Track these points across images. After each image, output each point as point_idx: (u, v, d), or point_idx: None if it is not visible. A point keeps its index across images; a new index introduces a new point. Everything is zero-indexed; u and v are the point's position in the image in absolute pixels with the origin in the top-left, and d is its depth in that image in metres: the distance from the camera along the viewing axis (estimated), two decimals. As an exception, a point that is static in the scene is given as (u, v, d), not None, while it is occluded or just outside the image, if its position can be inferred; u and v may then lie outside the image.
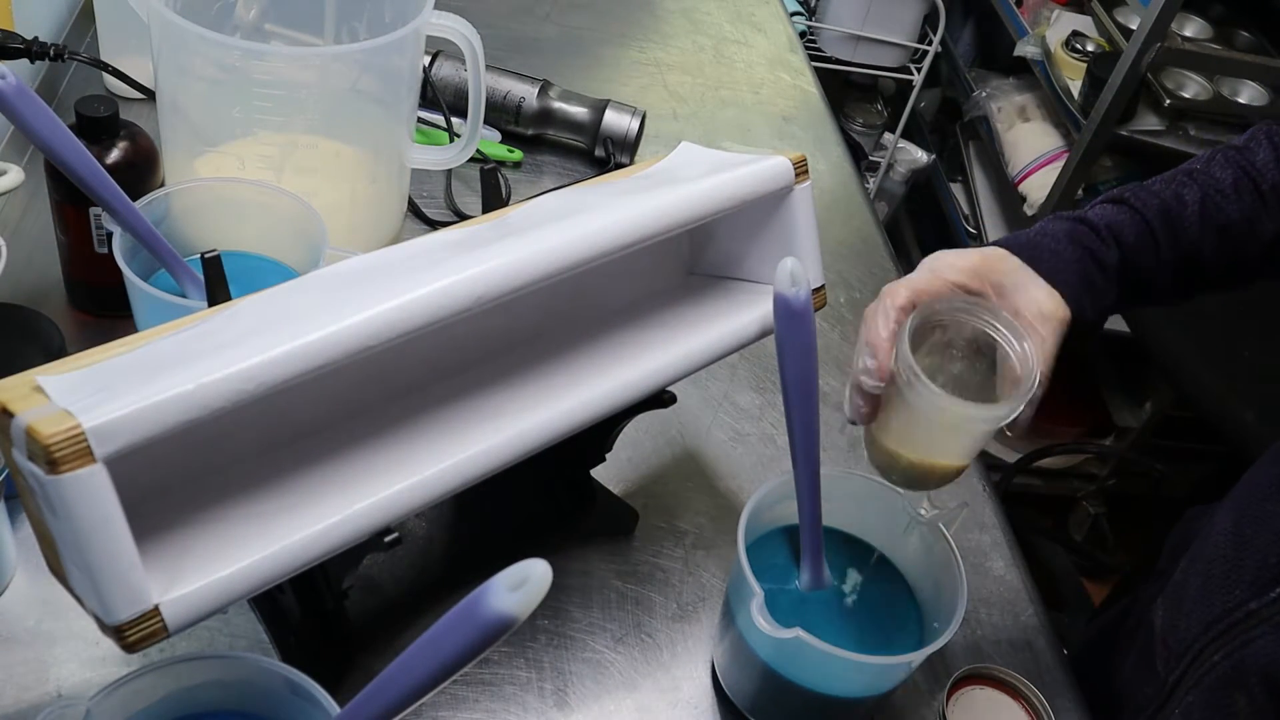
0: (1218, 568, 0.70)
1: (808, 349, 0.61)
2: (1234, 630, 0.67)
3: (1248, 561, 0.67)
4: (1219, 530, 0.72)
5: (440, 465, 0.55)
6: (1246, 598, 0.66)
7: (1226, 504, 0.75)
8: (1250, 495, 0.72)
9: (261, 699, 0.54)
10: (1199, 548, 0.75)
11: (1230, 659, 0.66)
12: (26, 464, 0.44)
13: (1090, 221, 0.69)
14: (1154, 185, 0.72)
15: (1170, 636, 0.73)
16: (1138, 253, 0.69)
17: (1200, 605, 0.70)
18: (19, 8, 0.96)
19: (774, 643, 0.62)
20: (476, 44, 0.89)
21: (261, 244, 0.79)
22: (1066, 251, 0.67)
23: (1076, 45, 1.93)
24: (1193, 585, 0.73)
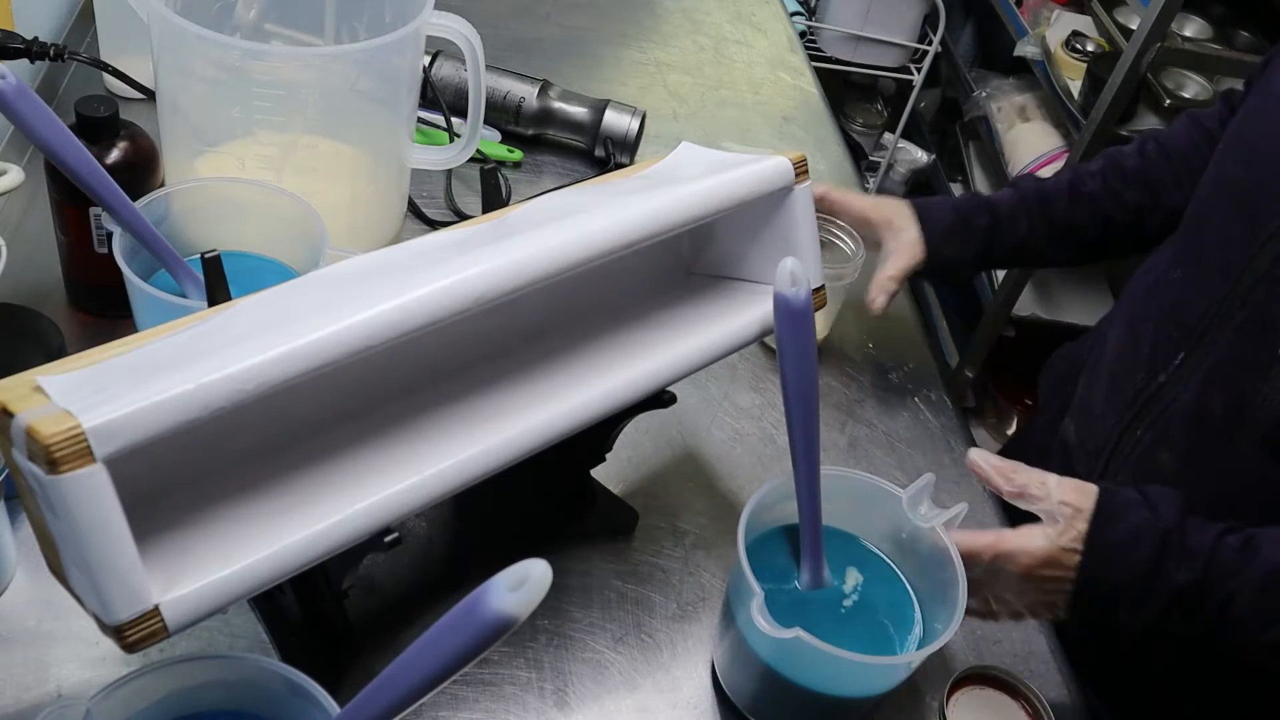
0: (1121, 364, 0.84)
1: (807, 349, 0.61)
2: (1150, 405, 0.79)
3: (1143, 346, 0.81)
4: (1113, 337, 0.88)
5: (440, 465, 0.55)
6: (1151, 376, 0.79)
7: (1112, 319, 0.91)
8: (1131, 300, 0.88)
9: (261, 699, 0.54)
10: (1095, 362, 0.89)
11: (1153, 429, 0.78)
12: (26, 464, 0.44)
13: (978, 195, 0.91)
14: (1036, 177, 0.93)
15: (1086, 440, 0.86)
16: (1011, 220, 0.90)
17: (1110, 402, 0.84)
18: (19, 8, 0.96)
19: (774, 643, 0.62)
20: (476, 44, 0.89)
21: (261, 244, 0.79)
22: (945, 212, 0.90)
23: (1076, 45, 1.93)
24: (1097, 392, 0.87)
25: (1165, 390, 0.78)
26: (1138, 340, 0.83)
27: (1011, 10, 2.12)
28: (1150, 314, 0.83)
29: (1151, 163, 0.91)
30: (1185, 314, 0.78)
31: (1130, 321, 0.86)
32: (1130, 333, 0.85)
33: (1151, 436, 0.79)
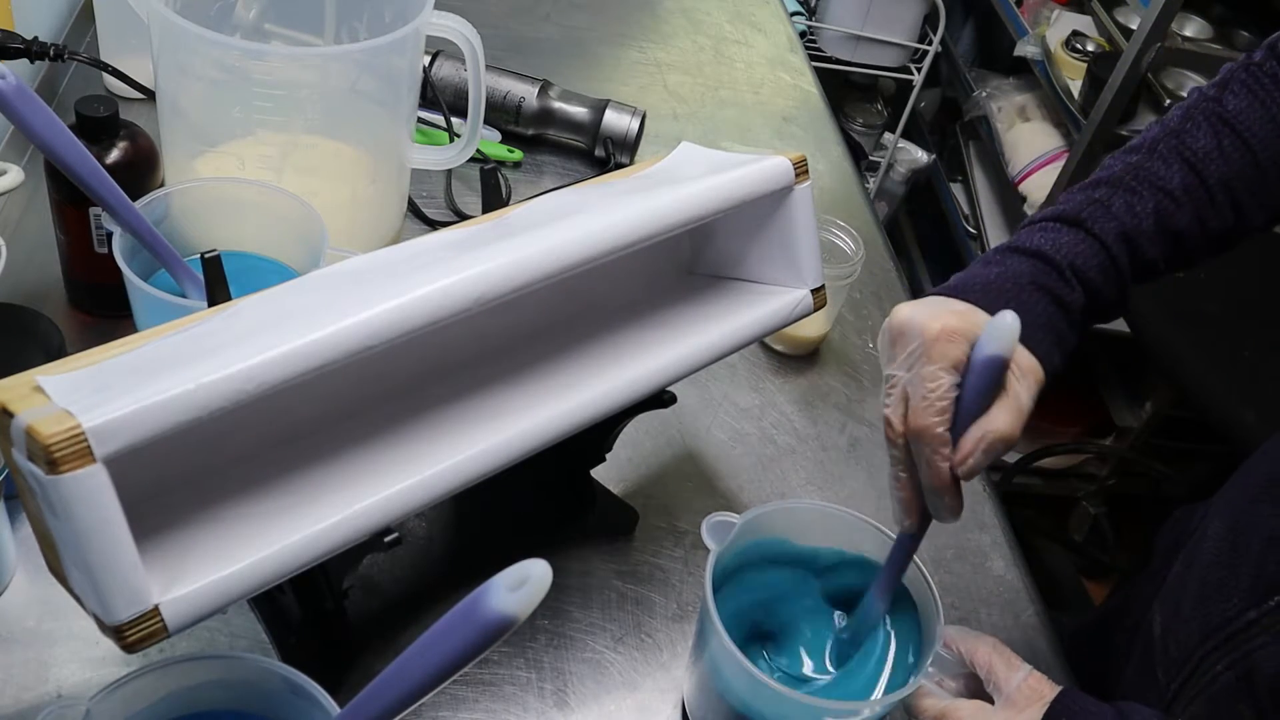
0: (1213, 574, 0.69)
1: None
2: (1235, 640, 0.66)
3: (1243, 568, 0.67)
4: (1212, 535, 0.72)
5: (440, 465, 0.55)
6: (1245, 606, 0.65)
7: (1218, 506, 0.75)
8: (1241, 497, 0.72)
9: (261, 699, 0.54)
10: (1193, 552, 0.74)
11: (1233, 670, 0.66)
12: (26, 464, 0.44)
13: (1052, 260, 0.66)
14: (1108, 199, 0.68)
15: (1169, 643, 0.73)
16: (1101, 290, 0.67)
17: (1198, 613, 0.70)
18: (19, 8, 0.96)
19: (745, 682, 0.61)
20: (476, 44, 0.89)
21: (261, 244, 0.79)
22: (1033, 301, 0.64)
23: (1076, 45, 1.93)
24: (1189, 591, 0.72)
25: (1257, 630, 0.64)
26: (1238, 553, 0.68)
27: (1011, 10, 2.12)
28: (1259, 526, 0.67)
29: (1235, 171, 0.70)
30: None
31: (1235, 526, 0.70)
32: (1232, 542, 0.69)
33: (1231, 679, 0.65)
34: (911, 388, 0.59)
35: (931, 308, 0.61)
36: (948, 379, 0.58)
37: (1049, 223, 0.68)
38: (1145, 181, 0.69)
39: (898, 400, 0.60)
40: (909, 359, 0.60)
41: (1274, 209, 0.71)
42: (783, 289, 0.72)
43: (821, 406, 0.93)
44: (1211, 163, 0.69)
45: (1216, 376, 1.47)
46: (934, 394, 0.58)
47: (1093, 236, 0.67)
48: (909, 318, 0.60)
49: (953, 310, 0.61)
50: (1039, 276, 0.65)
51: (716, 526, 0.64)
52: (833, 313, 0.97)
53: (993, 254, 0.68)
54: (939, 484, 0.59)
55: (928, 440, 0.59)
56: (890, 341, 0.62)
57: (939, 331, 0.59)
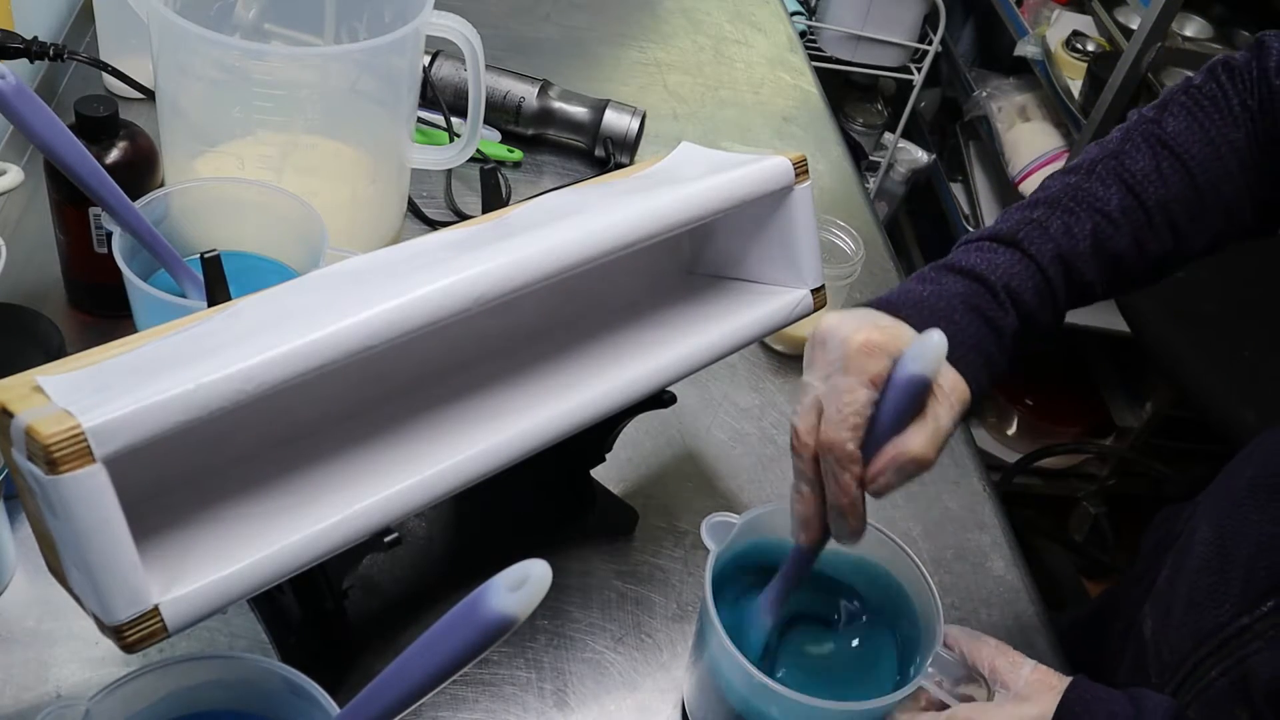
0: (1203, 580, 0.69)
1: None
2: (1228, 645, 0.65)
3: (1233, 574, 0.66)
4: (1200, 540, 0.71)
5: (440, 465, 0.55)
6: (1237, 612, 0.65)
7: (1203, 509, 0.74)
8: (1226, 501, 0.71)
9: (261, 699, 0.54)
10: (1181, 556, 0.74)
11: (1228, 675, 0.65)
12: (26, 464, 0.44)
13: (986, 280, 0.64)
14: (1045, 220, 0.67)
15: (1162, 647, 0.72)
16: (1035, 313, 0.66)
17: (1189, 618, 0.69)
18: (19, 7, 0.96)
19: (746, 683, 0.61)
20: (476, 44, 0.89)
21: (261, 244, 0.79)
22: (965, 322, 0.63)
23: (1077, 45, 1.93)
24: (1179, 596, 0.71)
25: (1250, 636, 0.64)
26: (1227, 559, 0.67)
27: (1012, 10, 2.12)
28: (1246, 531, 0.67)
29: (1173, 195, 0.69)
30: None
31: (1222, 531, 0.69)
32: (1220, 547, 0.69)
33: (1225, 685, 0.65)
34: (826, 400, 0.57)
35: (856, 319, 0.58)
36: (864, 394, 0.56)
37: (985, 241, 0.67)
38: (1083, 203, 0.67)
39: (809, 410, 0.58)
40: (826, 369, 0.58)
41: (1212, 234, 0.70)
42: (783, 289, 0.72)
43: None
44: (1150, 185, 0.68)
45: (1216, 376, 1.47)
46: (848, 408, 0.56)
47: (1028, 258, 0.65)
48: (832, 327, 0.58)
49: (878, 325, 0.58)
50: (972, 297, 0.64)
51: (716, 527, 0.64)
52: None
53: (928, 271, 0.66)
54: (844, 502, 0.58)
55: (837, 455, 0.57)
56: (811, 348, 0.59)
57: (860, 344, 0.56)
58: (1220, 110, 0.69)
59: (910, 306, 0.62)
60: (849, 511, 0.58)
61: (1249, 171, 0.69)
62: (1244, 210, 0.70)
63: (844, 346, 0.57)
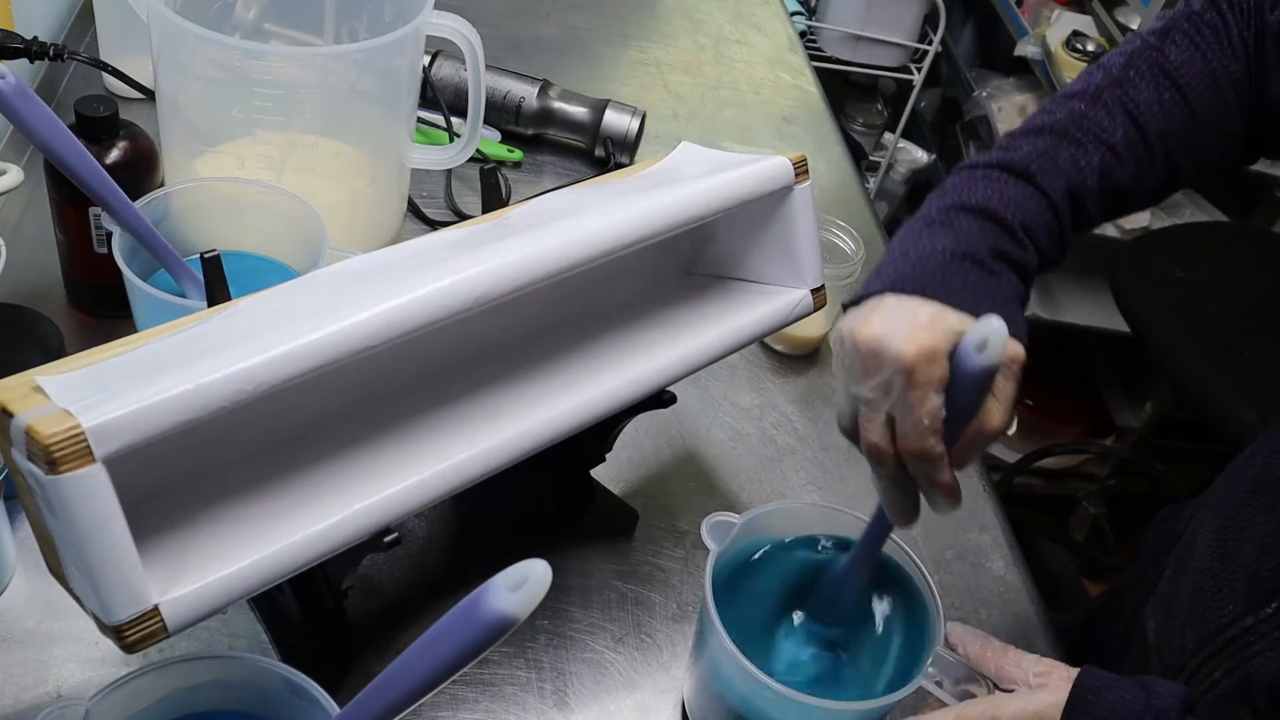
0: (1206, 581, 0.69)
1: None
2: (1232, 646, 0.65)
3: (1236, 575, 0.66)
4: (1203, 541, 0.71)
5: (440, 465, 0.55)
6: (1241, 613, 0.65)
7: (1205, 510, 0.74)
8: (1229, 502, 0.71)
9: (261, 699, 0.54)
10: (1183, 557, 0.73)
11: (1232, 676, 0.65)
12: (26, 464, 0.44)
13: (1003, 220, 0.63)
14: (1054, 151, 0.66)
15: (1165, 648, 0.72)
16: (1046, 249, 0.65)
17: (1193, 619, 0.69)
18: (18, 7, 0.96)
19: (746, 682, 0.61)
20: (476, 44, 0.89)
21: (261, 244, 0.79)
22: (999, 281, 0.61)
23: (1077, 45, 1.93)
24: (1182, 597, 0.71)
25: (1254, 637, 0.64)
26: (1230, 561, 0.67)
27: (1012, 10, 2.12)
28: (1250, 533, 0.66)
29: (1174, 127, 0.68)
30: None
31: (1225, 532, 0.69)
32: (1222, 547, 0.68)
33: (1230, 686, 0.65)
34: (899, 412, 0.56)
35: (899, 322, 0.57)
36: (937, 400, 0.55)
37: (993, 170, 0.65)
38: (1090, 134, 0.66)
39: (881, 425, 0.57)
40: (886, 384, 0.57)
41: (1203, 166, 0.70)
42: (783, 289, 0.72)
43: (821, 406, 0.93)
44: (1153, 117, 0.67)
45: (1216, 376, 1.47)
46: (928, 417, 0.55)
47: (1041, 193, 0.64)
48: (878, 340, 0.56)
49: (921, 323, 0.57)
50: (995, 242, 0.62)
51: (716, 526, 0.64)
52: (833, 313, 0.97)
53: (936, 212, 0.64)
54: (944, 491, 0.58)
55: (929, 461, 0.57)
56: (860, 366, 0.58)
57: (916, 354, 0.55)
58: (1220, 40, 0.69)
59: (939, 280, 0.59)
60: (950, 493, 0.58)
61: (1244, 103, 0.69)
62: (1236, 142, 0.70)
63: (899, 361, 0.55)
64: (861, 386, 0.58)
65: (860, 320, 0.58)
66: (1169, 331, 1.53)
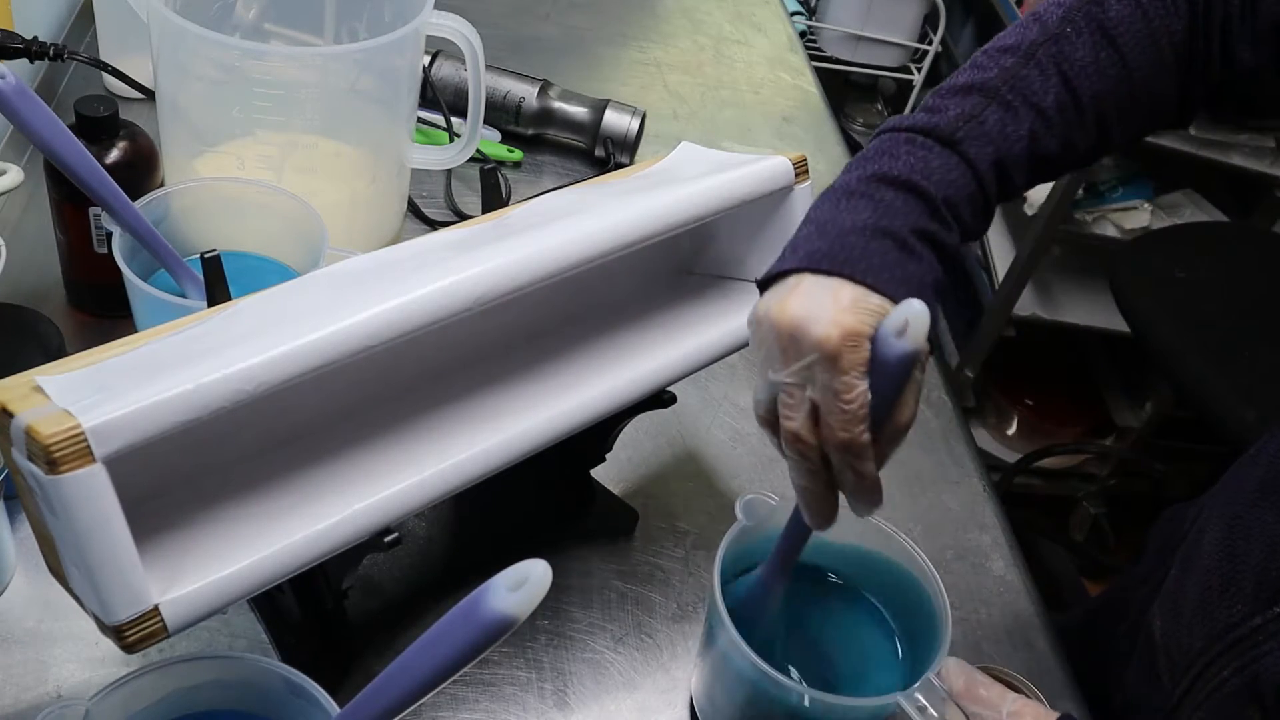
0: (1214, 580, 0.68)
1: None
2: (1240, 645, 0.65)
3: (1245, 574, 0.66)
4: (1210, 540, 0.71)
5: (440, 465, 0.55)
6: (1250, 612, 0.65)
7: (1212, 509, 0.74)
8: (1236, 501, 0.70)
9: (261, 699, 0.54)
10: (1190, 556, 0.73)
11: (1240, 675, 0.65)
12: (26, 464, 0.44)
13: (927, 194, 0.59)
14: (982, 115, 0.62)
15: (1172, 647, 0.72)
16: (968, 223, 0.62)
17: (1200, 618, 0.69)
18: (18, 7, 0.96)
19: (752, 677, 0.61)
20: (476, 44, 0.89)
21: (261, 244, 0.79)
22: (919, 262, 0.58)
23: (1077, 45, 1.93)
24: (1189, 597, 0.71)
25: (1263, 636, 0.64)
26: (1238, 560, 0.67)
27: (1012, 10, 2.12)
28: (1257, 532, 0.66)
29: (1108, 89, 0.65)
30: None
31: (1232, 531, 0.68)
32: (1230, 548, 0.68)
33: (1238, 685, 0.65)
34: (824, 400, 0.54)
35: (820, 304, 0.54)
36: (862, 385, 0.53)
37: (918, 135, 0.62)
38: (1021, 96, 0.63)
39: (804, 414, 0.55)
40: (807, 369, 0.54)
41: (1135, 131, 0.68)
42: (783, 289, 0.71)
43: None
44: (1087, 79, 0.64)
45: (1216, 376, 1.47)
46: (854, 404, 0.53)
47: (967, 163, 0.61)
48: (799, 322, 0.54)
49: (843, 305, 0.54)
50: (918, 220, 0.59)
51: (751, 504, 0.63)
52: None
53: (856, 182, 0.61)
54: (867, 487, 0.56)
55: (856, 452, 0.54)
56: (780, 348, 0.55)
57: (841, 338, 0.53)
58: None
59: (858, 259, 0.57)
60: (873, 489, 0.56)
61: (1181, 65, 0.66)
62: (1170, 104, 0.68)
63: (824, 347, 0.53)
64: (782, 373, 0.55)
65: (778, 302, 0.56)
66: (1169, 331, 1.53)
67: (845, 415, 0.53)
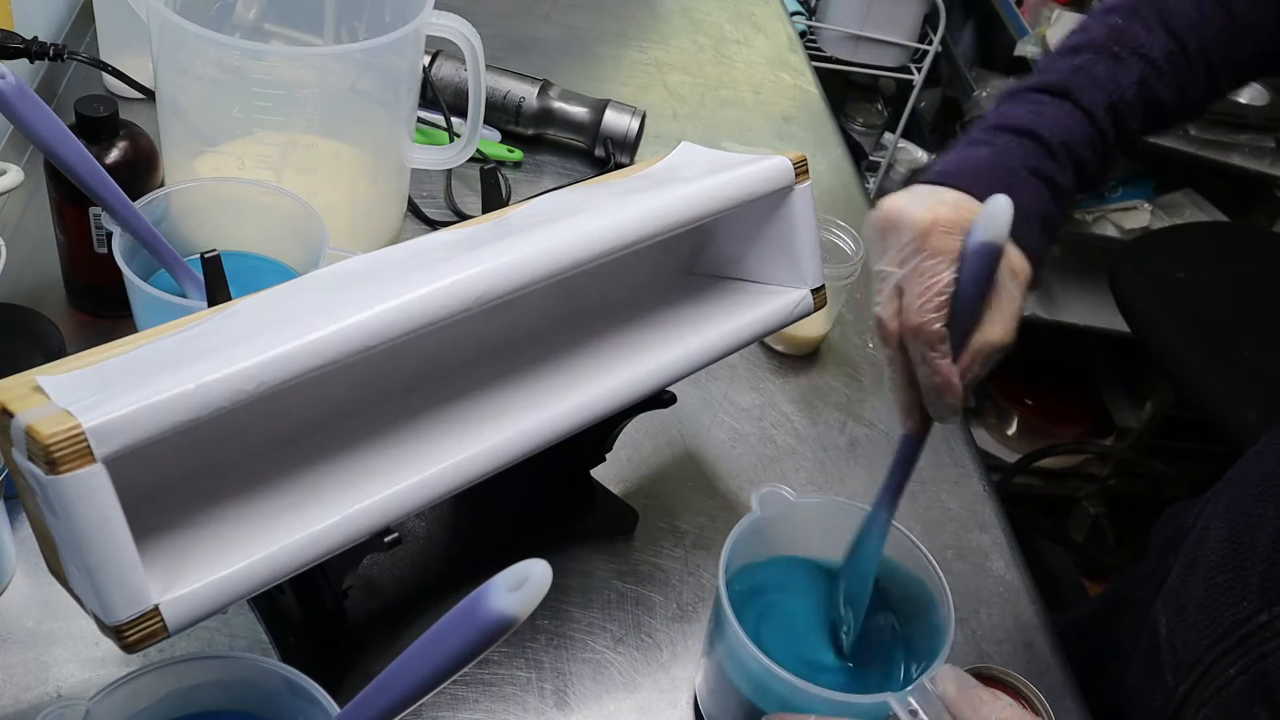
0: (1219, 577, 0.69)
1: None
2: (1247, 643, 0.65)
3: (1250, 571, 0.66)
4: (1214, 537, 0.71)
5: (440, 465, 0.55)
6: (1256, 609, 0.65)
7: (1216, 506, 0.74)
8: (1241, 498, 0.71)
9: (261, 699, 0.54)
10: (1195, 553, 0.74)
11: (1247, 673, 0.65)
12: (26, 464, 0.44)
13: (1043, 139, 0.63)
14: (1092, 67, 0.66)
15: (1178, 645, 0.72)
16: (1089, 163, 0.65)
17: (1206, 616, 0.69)
18: (18, 7, 0.96)
19: (756, 675, 0.61)
20: (476, 44, 0.89)
21: (261, 244, 0.79)
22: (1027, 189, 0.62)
23: (1076, 45, 1.93)
24: (1194, 594, 0.71)
25: (1270, 634, 0.64)
26: (1243, 556, 0.67)
27: (1012, 10, 2.12)
28: (1263, 529, 0.66)
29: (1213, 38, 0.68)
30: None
31: (1237, 529, 0.69)
32: (1235, 543, 0.68)
33: (1245, 683, 0.65)
34: (907, 284, 0.57)
35: (922, 198, 0.58)
36: (945, 274, 0.56)
37: (1034, 93, 0.65)
38: (1128, 48, 0.66)
39: (890, 297, 0.58)
40: (901, 253, 0.57)
41: (1241, 75, 0.70)
42: (783, 289, 0.72)
43: (821, 406, 0.93)
44: (1193, 29, 0.67)
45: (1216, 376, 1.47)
46: (931, 289, 0.56)
47: (1081, 110, 0.64)
48: (899, 209, 0.58)
49: (944, 201, 0.58)
50: (1031, 159, 0.62)
51: (767, 496, 0.63)
52: (833, 313, 0.97)
53: (978, 132, 0.65)
54: (938, 381, 0.57)
55: (926, 338, 0.56)
56: (880, 234, 0.59)
57: (931, 223, 0.56)
58: None
59: (970, 176, 0.61)
60: (945, 390, 0.58)
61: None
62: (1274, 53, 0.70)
63: (916, 228, 0.56)
64: (881, 259, 0.58)
65: (886, 199, 0.59)
66: (1169, 331, 1.53)
67: (921, 298, 0.56)
